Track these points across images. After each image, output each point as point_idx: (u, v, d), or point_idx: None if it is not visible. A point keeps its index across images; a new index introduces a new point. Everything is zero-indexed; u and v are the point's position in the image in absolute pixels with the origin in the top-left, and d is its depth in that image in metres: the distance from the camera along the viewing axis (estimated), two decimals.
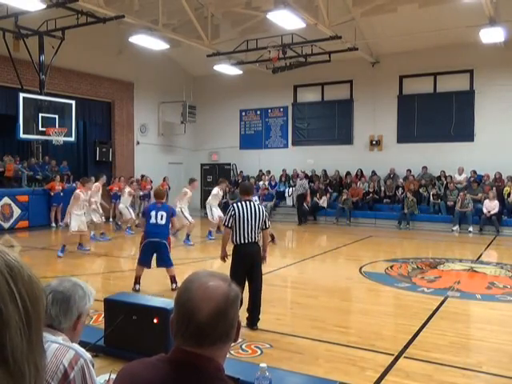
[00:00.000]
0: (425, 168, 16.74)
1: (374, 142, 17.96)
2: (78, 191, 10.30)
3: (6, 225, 13.69)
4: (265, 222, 5.60)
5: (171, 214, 7.14)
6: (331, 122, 18.76)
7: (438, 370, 4.36)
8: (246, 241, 5.47)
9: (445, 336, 5.24)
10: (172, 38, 14.51)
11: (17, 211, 14.02)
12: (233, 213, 5.48)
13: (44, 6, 11.37)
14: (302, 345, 4.99)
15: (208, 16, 14.98)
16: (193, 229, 12.27)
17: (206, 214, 13.27)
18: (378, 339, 5.11)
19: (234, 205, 5.58)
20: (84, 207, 10.45)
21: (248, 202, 5.56)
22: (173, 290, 6.79)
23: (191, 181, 12.72)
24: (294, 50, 15.76)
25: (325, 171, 18.25)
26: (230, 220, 5.47)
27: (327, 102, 19.03)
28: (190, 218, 12.16)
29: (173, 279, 7.00)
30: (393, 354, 4.66)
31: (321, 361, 4.56)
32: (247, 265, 5.50)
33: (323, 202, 16.85)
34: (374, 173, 17.48)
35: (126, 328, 4.36)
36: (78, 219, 10.05)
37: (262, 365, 2.64)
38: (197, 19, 14.32)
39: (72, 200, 10.19)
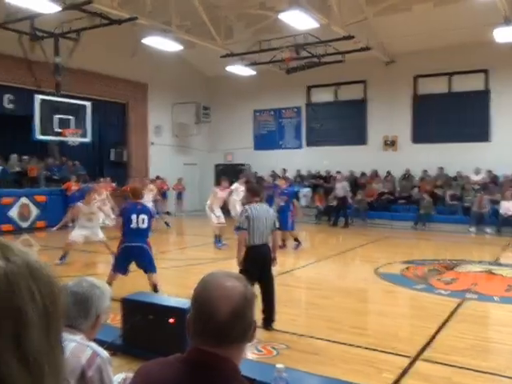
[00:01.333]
0: (441, 168, 16.56)
1: (388, 143, 17.83)
2: (78, 204, 9.53)
3: (25, 224, 13.89)
4: (274, 222, 5.62)
5: (151, 216, 6.66)
6: (345, 123, 18.67)
7: (456, 372, 4.29)
8: (260, 242, 5.47)
9: (463, 339, 5.15)
10: (185, 39, 14.55)
11: (35, 211, 14.21)
12: (247, 215, 5.44)
13: (59, 9, 11.48)
14: (318, 346, 4.96)
15: (221, 17, 15.00)
16: (219, 230, 11.61)
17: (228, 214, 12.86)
18: (395, 341, 5.05)
19: (247, 206, 5.56)
20: (92, 219, 9.44)
21: (259, 204, 5.59)
22: None
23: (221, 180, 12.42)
24: (307, 50, 15.71)
25: (339, 172, 18.12)
26: (245, 222, 5.43)
27: (341, 102, 18.93)
28: (214, 218, 11.47)
29: (155, 288, 6.39)
30: (410, 357, 4.59)
31: (337, 362, 4.52)
32: (259, 266, 5.48)
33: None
34: (388, 173, 17.35)
35: (143, 327, 4.37)
36: (79, 231, 9.33)
37: (279, 365, 2.61)
38: (210, 20, 14.35)
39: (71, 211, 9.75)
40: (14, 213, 13.68)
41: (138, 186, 8.43)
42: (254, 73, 17.73)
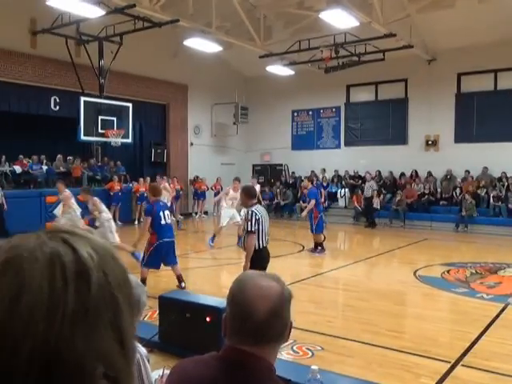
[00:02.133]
0: (485, 169, 16.05)
1: (429, 142, 17.43)
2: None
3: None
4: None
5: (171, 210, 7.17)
6: (385, 122, 18.38)
7: (497, 379, 4.18)
8: (266, 244, 5.58)
9: (505, 344, 5.01)
10: (225, 40, 14.70)
11: (77, 210, 14.61)
12: (257, 217, 5.41)
13: (104, 13, 11.83)
14: (354, 348, 4.93)
15: (260, 17, 15.06)
16: (219, 232, 11.56)
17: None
18: (434, 345, 4.95)
19: (254, 209, 5.46)
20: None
21: (261, 206, 5.70)
22: (183, 288, 6.82)
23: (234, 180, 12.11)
24: (346, 49, 15.55)
25: (378, 172, 17.89)
26: (256, 225, 5.38)
27: (381, 101, 18.65)
28: (223, 220, 11.33)
29: (180, 278, 6.96)
30: (449, 362, 4.50)
31: (373, 365, 4.48)
32: (264, 268, 5.48)
33: (376, 203, 16.51)
34: (429, 174, 16.97)
35: (180, 325, 4.47)
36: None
37: (314, 367, 2.62)
38: (249, 21, 14.43)
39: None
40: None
41: (156, 184, 8.75)
42: (292, 73, 17.71)
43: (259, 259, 5.48)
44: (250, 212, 5.42)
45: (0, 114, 13.90)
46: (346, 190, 17.87)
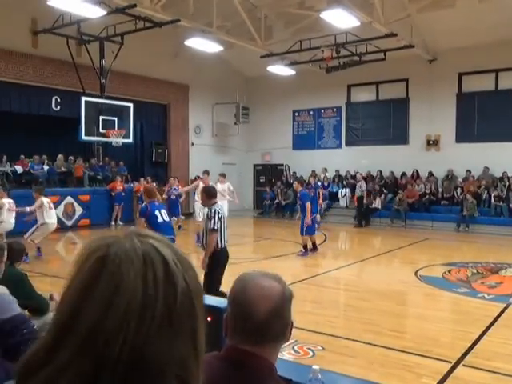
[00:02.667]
0: (486, 168, 16.04)
1: (430, 142, 17.42)
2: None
3: (69, 223, 14.38)
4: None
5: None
6: (386, 122, 18.37)
7: (499, 379, 4.18)
8: (225, 243, 5.62)
9: (507, 344, 5.01)
10: (226, 40, 14.70)
11: (79, 210, 14.70)
12: (220, 215, 5.50)
13: (105, 13, 11.83)
14: (355, 348, 4.92)
15: (261, 17, 15.06)
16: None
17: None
18: (435, 345, 4.95)
19: (217, 208, 5.56)
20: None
21: (220, 206, 5.76)
22: None
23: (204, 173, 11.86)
24: (347, 49, 15.55)
25: (380, 172, 17.88)
26: (219, 223, 5.48)
27: (382, 101, 18.64)
28: (198, 215, 11.30)
29: None
30: (450, 362, 4.50)
31: (375, 365, 4.48)
32: (224, 267, 5.58)
33: (377, 203, 16.51)
34: (430, 173, 16.96)
35: None
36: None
37: (315, 367, 2.61)
38: (250, 20, 14.43)
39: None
40: (59, 211, 14.18)
41: (151, 187, 8.78)
42: (293, 72, 17.70)
43: (220, 258, 5.53)
44: (212, 210, 5.50)
45: (1, 114, 13.91)
46: (347, 189, 17.85)
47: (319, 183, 16.75)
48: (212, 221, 5.44)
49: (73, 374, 0.62)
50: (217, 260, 5.50)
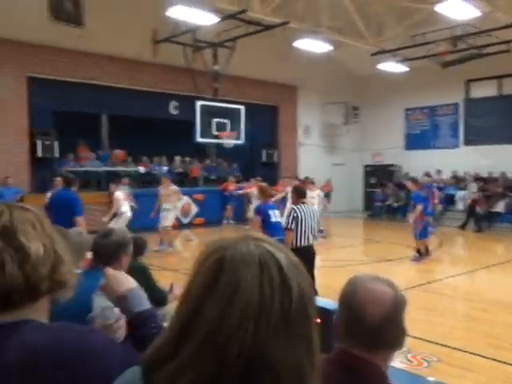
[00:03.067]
0: None
1: None
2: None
3: (186, 221, 15.26)
4: (318, 225, 5.87)
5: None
6: (510, 119, 16.91)
7: None
8: (306, 243, 5.65)
9: None
10: (335, 39, 14.53)
11: (194, 209, 15.54)
12: (296, 215, 5.65)
13: (218, 20, 12.31)
14: (475, 362, 4.57)
15: (372, 14, 14.66)
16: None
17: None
18: None
19: (295, 207, 5.77)
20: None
21: (306, 205, 5.86)
22: None
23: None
24: (466, 41, 14.56)
25: (503, 173, 16.50)
26: (293, 223, 5.64)
27: (506, 96, 17.19)
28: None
29: None
30: None
31: (496, 383, 4.11)
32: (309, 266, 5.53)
33: (500, 207, 15.25)
34: None
35: None
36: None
37: (431, 379, 2.46)
38: (360, 18, 14.12)
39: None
40: (177, 209, 15.10)
41: (265, 186, 8.89)
42: (405, 69, 17.00)
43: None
44: (291, 210, 5.82)
45: (125, 118, 15.13)
46: (466, 192, 16.71)
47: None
48: (286, 220, 5.80)
49: (194, 372, 0.65)
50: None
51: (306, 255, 5.64)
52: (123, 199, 11.07)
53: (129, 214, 11.03)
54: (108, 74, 14.34)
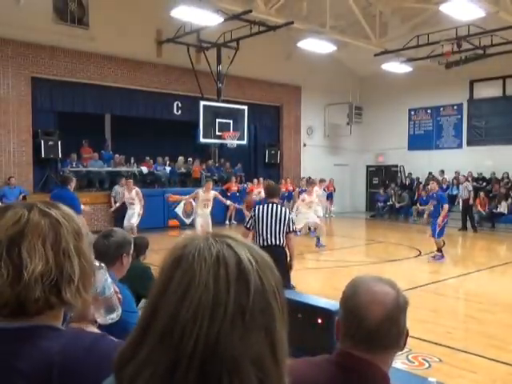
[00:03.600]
0: None
1: None
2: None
3: (188, 221, 15.24)
4: (289, 225, 5.43)
5: None
6: None
7: None
8: (266, 243, 5.34)
9: None
10: (339, 39, 14.53)
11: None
12: (253, 214, 5.50)
13: (222, 20, 12.34)
14: (476, 363, 4.58)
15: (376, 14, 14.66)
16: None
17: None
18: None
19: (256, 207, 5.63)
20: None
21: (271, 204, 5.48)
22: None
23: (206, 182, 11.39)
24: (470, 41, 14.54)
25: (507, 174, 16.48)
26: (250, 221, 5.50)
27: (510, 96, 17.15)
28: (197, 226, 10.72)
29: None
30: None
31: None
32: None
33: (503, 207, 15.23)
34: None
35: (291, 325, 4.49)
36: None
37: (431, 379, 2.49)
38: (364, 18, 14.12)
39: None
40: (179, 210, 15.08)
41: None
42: (409, 69, 16.99)
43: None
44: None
45: (129, 119, 15.18)
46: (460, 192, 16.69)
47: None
48: (246, 219, 5.77)
49: (152, 368, 0.66)
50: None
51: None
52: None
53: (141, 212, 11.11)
54: (111, 75, 14.39)
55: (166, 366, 0.66)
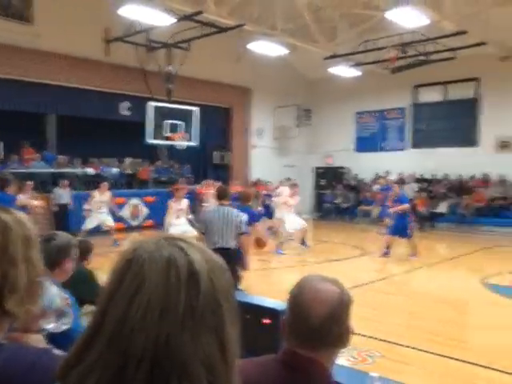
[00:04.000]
0: None
1: (503, 144, 16.60)
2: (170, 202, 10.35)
3: (135, 223, 14.99)
4: (239, 227, 5.44)
5: None
6: (454, 123, 17.70)
7: None
8: (217, 247, 5.33)
9: None
10: (289, 42, 14.75)
11: (144, 211, 15.28)
12: (203, 218, 5.53)
13: (173, 21, 12.23)
14: (415, 357, 4.83)
15: (325, 18, 14.98)
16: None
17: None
18: (501, 358, 4.75)
19: (206, 210, 5.62)
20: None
21: (221, 208, 5.50)
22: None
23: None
24: (414, 48, 15.15)
25: (446, 175, 17.28)
26: (201, 225, 5.56)
27: (450, 101, 17.98)
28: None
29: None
30: None
31: (435, 376, 4.38)
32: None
33: (443, 207, 15.95)
34: (502, 177, 16.16)
35: (240, 327, 4.55)
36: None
37: (373, 374, 2.62)
38: (314, 22, 14.40)
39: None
40: (125, 212, 14.82)
41: (249, 190, 8.79)
42: (357, 74, 17.47)
43: None
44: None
45: (76, 119, 14.76)
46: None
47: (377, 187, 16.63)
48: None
49: (98, 374, 0.66)
50: None
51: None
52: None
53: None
54: (57, 73, 13.89)
55: (113, 370, 0.65)
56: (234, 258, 5.42)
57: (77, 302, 2.64)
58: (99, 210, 11.49)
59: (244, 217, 5.57)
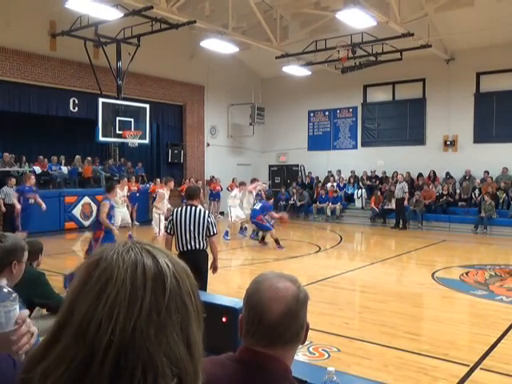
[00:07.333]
0: (505, 169, 15.81)
1: (448, 143, 17.24)
2: (161, 190, 11.03)
3: (86, 223, 14.53)
4: (209, 228, 5.24)
5: None
6: (403, 122, 18.24)
7: None
8: (186, 248, 5.22)
9: None
10: (242, 41, 14.72)
11: (96, 210, 14.79)
12: (171, 218, 5.31)
13: (122, 15, 11.94)
14: (370, 350, 4.89)
15: (277, 18, 15.06)
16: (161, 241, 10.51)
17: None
18: (452, 348, 4.90)
19: (174, 210, 5.40)
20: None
21: (190, 207, 5.27)
22: None
23: (167, 181, 11.39)
24: (363, 49, 15.47)
25: (396, 173, 17.74)
26: (169, 226, 5.33)
27: (398, 101, 18.51)
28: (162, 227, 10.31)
29: None
30: (468, 365, 4.44)
31: (390, 368, 4.44)
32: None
33: (393, 204, 16.37)
34: (448, 174, 16.77)
35: None
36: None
37: (330, 369, 2.59)
38: (266, 21, 14.44)
39: (157, 198, 11.10)
40: (76, 211, 14.36)
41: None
42: (309, 73, 17.66)
43: None
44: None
45: (20, 116, 14.15)
46: (363, 190, 17.76)
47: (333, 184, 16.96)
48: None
49: (64, 366, 0.66)
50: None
51: (189, 260, 5.51)
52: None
53: None
54: None
55: (78, 363, 0.66)
56: (202, 260, 5.25)
57: (25, 303, 2.50)
58: (122, 205, 11.56)
59: (212, 218, 5.39)
